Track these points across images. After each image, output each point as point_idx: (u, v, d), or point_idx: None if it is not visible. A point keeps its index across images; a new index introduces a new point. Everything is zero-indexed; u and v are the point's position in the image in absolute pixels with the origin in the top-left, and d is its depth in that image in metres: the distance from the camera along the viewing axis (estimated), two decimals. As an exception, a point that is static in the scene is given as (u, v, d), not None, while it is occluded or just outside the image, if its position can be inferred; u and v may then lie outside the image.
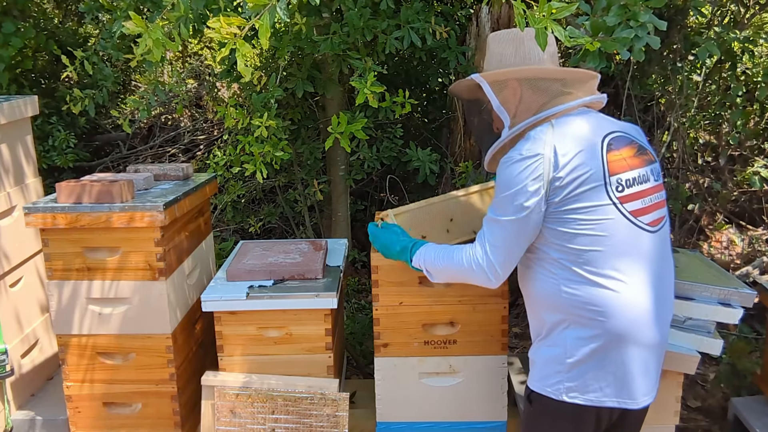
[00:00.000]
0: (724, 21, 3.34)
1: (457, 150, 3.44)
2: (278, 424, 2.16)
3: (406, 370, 2.21)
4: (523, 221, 1.63)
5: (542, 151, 1.60)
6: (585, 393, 1.65)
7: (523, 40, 1.75)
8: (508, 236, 1.65)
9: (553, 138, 1.62)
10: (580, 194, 1.60)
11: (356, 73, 2.57)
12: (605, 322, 1.62)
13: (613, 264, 1.61)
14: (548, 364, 1.70)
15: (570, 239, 1.62)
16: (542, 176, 1.59)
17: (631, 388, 1.66)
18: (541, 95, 1.70)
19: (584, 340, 1.64)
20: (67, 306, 2.18)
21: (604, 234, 1.61)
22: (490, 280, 1.70)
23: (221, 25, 1.37)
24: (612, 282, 1.61)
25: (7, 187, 2.54)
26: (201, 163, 4.61)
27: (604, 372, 1.64)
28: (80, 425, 2.28)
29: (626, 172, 1.65)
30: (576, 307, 1.64)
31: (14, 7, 3.70)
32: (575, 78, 1.73)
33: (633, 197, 1.64)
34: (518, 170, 1.61)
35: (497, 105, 1.73)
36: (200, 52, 5.26)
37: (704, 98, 3.76)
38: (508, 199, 1.63)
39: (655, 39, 1.99)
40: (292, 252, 2.38)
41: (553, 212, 1.63)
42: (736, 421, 2.60)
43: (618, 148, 1.67)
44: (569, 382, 1.66)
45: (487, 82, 1.74)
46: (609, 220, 1.61)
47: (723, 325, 2.56)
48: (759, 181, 3.92)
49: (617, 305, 1.61)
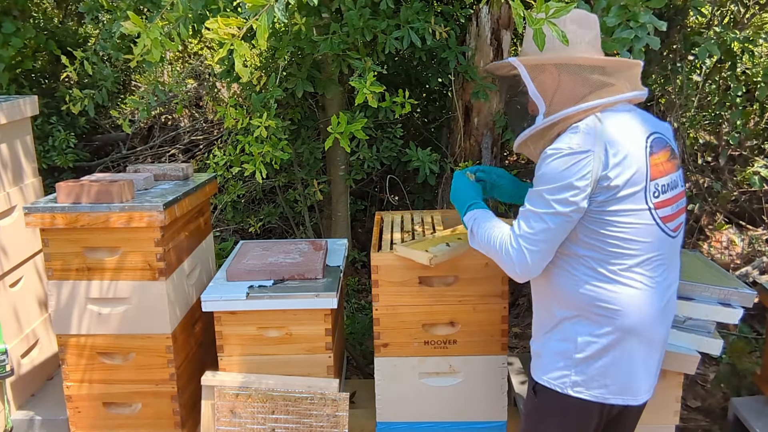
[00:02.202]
0: (724, 21, 3.34)
1: (457, 150, 3.43)
2: (278, 424, 2.16)
3: (406, 370, 2.21)
4: (565, 216, 1.57)
5: (593, 147, 1.55)
6: (590, 388, 1.65)
7: (565, 21, 1.63)
8: (548, 230, 1.59)
9: (604, 135, 1.57)
10: (623, 197, 1.57)
11: (356, 73, 2.57)
12: (620, 321, 1.61)
13: (639, 267, 1.61)
14: (555, 357, 1.69)
15: (602, 239, 1.59)
16: (590, 174, 1.54)
17: (634, 385, 1.67)
18: (582, 85, 1.63)
19: (596, 337, 1.63)
20: (67, 306, 2.18)
21: (636, 238, 1.59)
22: (516, 273, 1.66)
23: (219, 26, 1.37)
24: (635, 283, 1.61)
25: (7, 187, 2.55)
26: (201, 163, 4.61)
27: (611, 369, 1.64)
28: (80, 425, 2.28)
29: (662, 178, 1.63)
30: (593, 305, 1.62)
31: (14, 7, 3.70)
32: (616, 67, 1.66)
33: (665, 203, 1.63)
34: (567, 164, 1.55)
35: (533, 91, 1.67)
36: (200, 52, 5.26)
37: (704, 98, 3.76)
38: (553, 192, 1.57)
39: (654, 39, 1.99)
40: (292, 252, 2.38)
41: (592, 211, 1.58)
42: (736, 421, 2.60)
43: (657, 151, 1.64)
44: (576, 376, 1.66)
45: (525, 66, 1.67)
46: (643, 225, 1.59)
47: (723, 325, 2.56)
48: (759, 181, 3.91)
49: (635, 305, 1.61)
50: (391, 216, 2.54)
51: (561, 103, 1.65)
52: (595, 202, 1.58)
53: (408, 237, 2.30)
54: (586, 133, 1.58)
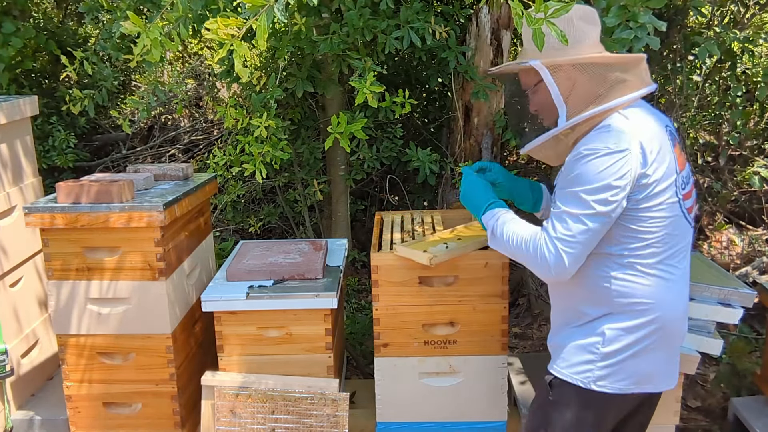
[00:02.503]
0: (724, 21, 3.33)
1: (457, 150, 3.43)
2: (278, 424, 2.16)
3: (406, 370, 2.21)
4: (605, 216, 1.55)
5: (629, 146, 1.53)
6: (614, 382, 1.64)
7: (572, 19, 1.61)
8: (587, 231, 1.56)
9: (637, 132, 1.55)
10: (660, 191, 1.57)
11: (356, 73, 2.57)
12: (653, 314, 1.61)
13: (669, 259, 1.61)
14: (579, 351, 1.67)
15: (636, 235, 1.59)
16: (630, 172, 1.53)
17: (657, 375, 1.67)
18: (600, 83, 1.61)
19: (626, 331, 1.63)
20: (67, 306, 2.18)
21: (668, 232, 1.59)
22: (551, 275, 1.61)
23: (219, 26, 1.37)
24: (666, 275, 1.62)
25: (7, 187, 2.55)
26: (201, 163, 4.61)
27: (638, 361, 1.63)
28: (80, 425, 2.28)
29: (684, 170, 1.64)
30: (626, 301, 1.62)
31: (14, 7, 3.70)
32: (632, 63, 1.65)
33: (688, 195, 1.64)
34: (606, 164, 1.53)
35: (557, 93, 1.63)
36: (200, 52, 5.26)
37: (704, 98, 3.76)
38: (592, 192, 1.54)
39: (654, 40, 1.99)
40: (292, 252, 2.38)
41: (628, 209, 1.57)
42: (736, 421, 2.60)
43: (675, 143, 1.65)
44: (600, 371, 1.64)
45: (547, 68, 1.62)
46: (674, 218, 1.60)
47: (723, 325, 2.55)
48: (759, 181, 3.91)
49: (666, 297, 1.62)
50: (391, 216, 2.54)
51: (579, 103, 1.62)
52: (633, 200, 1.57)
53: (408, 237, 2.30)
54: (620, 132, 1.55)
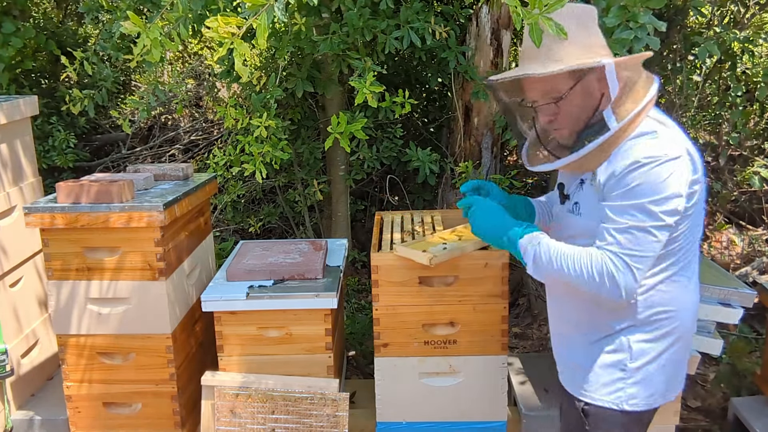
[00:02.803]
0: (724, 21, 3.34)
1: (457, 150, 3.43)
2: (278, 424, 2.16)
3: (406, 370, 2.21)
4: (671, 227, 1.47)
5: (682, 152, 1.47)
6: (645, 398, 1.60)
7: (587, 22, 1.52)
8: (657, 243, 1.46)
9: (680, 137, 1.50)
10: (700, 197, 1.53)
11: (356, 73, 2.57)
12: (676, 321, 1.58)
13: (690, 264, 1.59)
14: (607, 370, 1.60)
15: (670, 244, 1.51)
16: (686, 179, 1.47)
17: (679, 381, 1.67)
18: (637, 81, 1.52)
19: (651, 342, 1.58)
20: (67, 306, 2.18)
21: (694, 237, 1.56)
22: (621, 297, 1.47)
23: (219, 25, 1.37)
24: (686, 281, 1.59)
25: (7, 187, 2.55)
26: (201, 163, 4.61)
27: (665, 371, 1.60)
28: (80, 425, 2.28)
29: None
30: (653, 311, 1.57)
31: (14, 7, 3.70)
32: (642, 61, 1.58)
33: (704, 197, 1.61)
34: (669, 172, 1.44)
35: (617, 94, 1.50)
36: (200, 52, 5.27)
37: (704, 98, 3.76)
38: (660, 203, 1.44)
39: (654, 40, 1.99)
40: (292, 252, 2.38)
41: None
42: (736, 421, 2.60)
43: None
44: (631, 389, 1.59)
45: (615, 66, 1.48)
46: (700, 224, 1.57)
47: (723, 325, 2.56)
48: (759, 181, 3.91)
49: (686, 303, 1.60)
50: (391, 216, 2.54)
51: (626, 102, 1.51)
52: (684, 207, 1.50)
53: (408, 237, 2.30)
54: (669, 139, 1.48)
